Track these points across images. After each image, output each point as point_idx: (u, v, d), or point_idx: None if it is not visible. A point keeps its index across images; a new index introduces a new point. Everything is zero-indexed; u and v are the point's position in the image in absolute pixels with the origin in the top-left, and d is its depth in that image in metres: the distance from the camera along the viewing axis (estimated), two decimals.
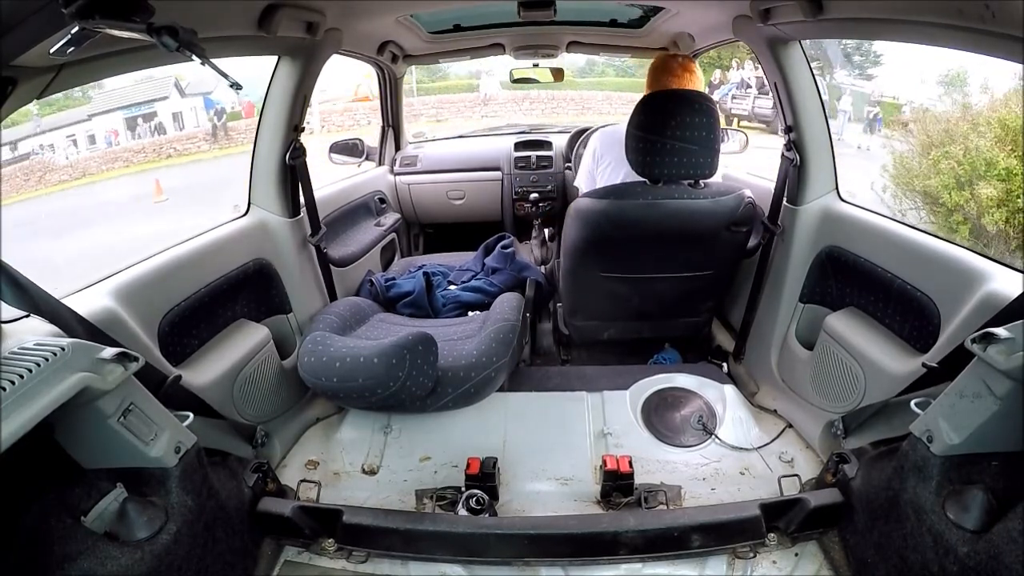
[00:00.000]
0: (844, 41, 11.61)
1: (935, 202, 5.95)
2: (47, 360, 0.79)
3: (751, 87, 11.85)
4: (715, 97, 11.97)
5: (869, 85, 11.81)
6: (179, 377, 1.15)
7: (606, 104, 13.86)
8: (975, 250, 1.20)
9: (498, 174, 2.80)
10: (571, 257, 1.65)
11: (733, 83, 12.27)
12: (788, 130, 1.55)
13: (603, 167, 1.77)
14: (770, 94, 1.63)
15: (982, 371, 0.89)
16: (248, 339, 1.45)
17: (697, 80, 1.71)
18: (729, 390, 1.58)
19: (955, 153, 5.70)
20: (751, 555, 1.14)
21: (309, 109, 1.68)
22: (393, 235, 2.54)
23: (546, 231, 2.84)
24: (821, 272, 1.53)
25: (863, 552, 1.08)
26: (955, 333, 1.11)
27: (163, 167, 12.31)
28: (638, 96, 1.50)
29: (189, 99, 14.34)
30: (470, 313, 1.87)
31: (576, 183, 1.93)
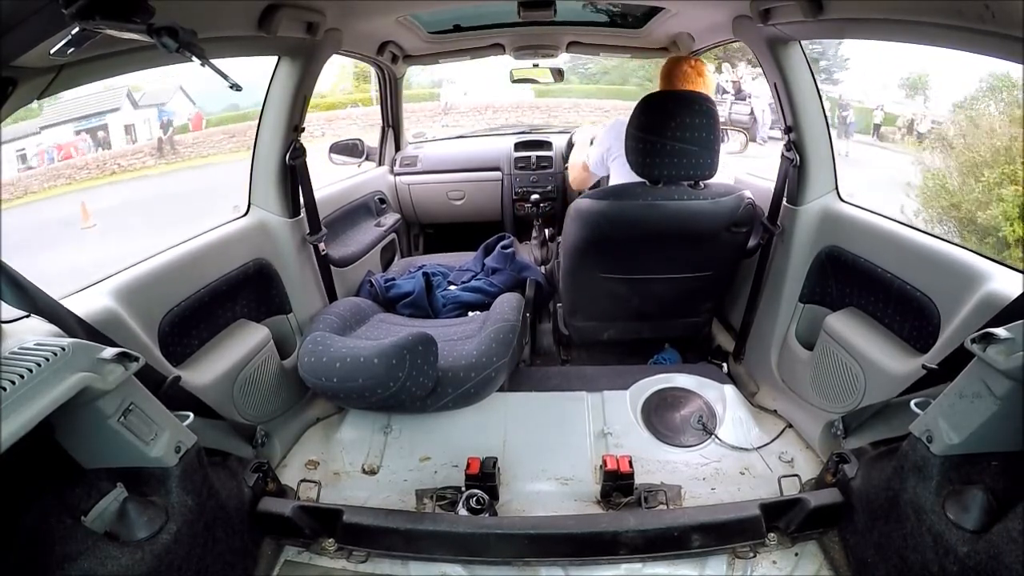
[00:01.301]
0: (814, 46, 11.56)
1: (988, 232, 4.73)
2: (47, 360, 0.79)
3: (728, 92, 11.29)
4: None
5: (836, 89, 11.47)
6: (178, 378, 1.15)
7: (574, 112, 13.02)
8: (975, 250, 1.20)
9: (498, 174, 2.80)
10: (571, 257, 1.65)
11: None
12: (788, 130, 1.55)
13: (612, 160, 1.78)
14: (747, 99, 1.64)
15: (982, 371, 0.89)
16: (248, 339, 1.45)
17: (708, 83, 1.75)
18: (729, 390, 1.58)
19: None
20: (751, 555, 1.14)
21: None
22: (393, 235, 2.54)
23: (546, 231, 2.84)
24: (821, 272, 1.53)
25: (863, 552, 1.08)
26: (955, 333, 1.11)
27: (106, 184, 11.12)
28: (605, 103, 1.51)
29: (142, 110, 13.05)
30: (470, 313, 1.87)
31: (586, 159, 1.91)
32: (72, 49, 0.78)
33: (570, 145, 2.69)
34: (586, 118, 11.65)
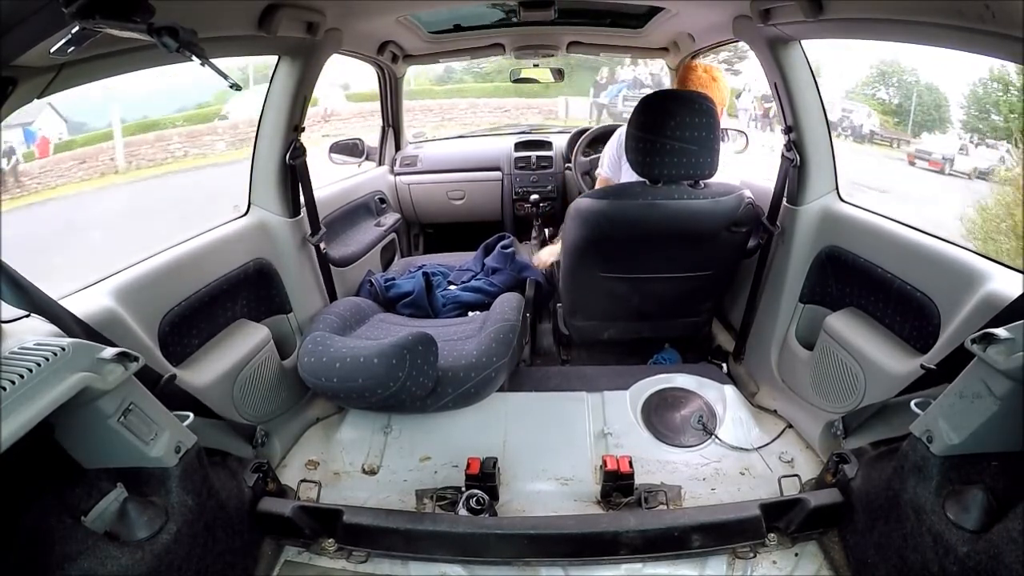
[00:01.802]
0: None
1: None
2: (47, 360, 0.79)
3: (646, 86, 9.88)
4: (603, 99, 10.33)
5: (737, 80, 10.14)
6: (173, 376, 1.15)
7: (471, 113, 11.55)
8: (975, 250, 1.20)
9: (498, 174, 2.80)
10: (571, 257, 1.64)
11: (624, 81, 10.38)
12: (788, 130, 1.55)
13: (625, 162, 1.79)
14: None
15: (982, 371, 0.89)
16: (248, 339, 1.45)
17: (722, 88, 1.78)
18: (729, 390, 1.58)
19: None
20: (751, 555, 1.14)
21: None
22: (393, 235, 2.53)
23: (546, 231, 2.84)
24: (821, 272, 1.53)
25: (863, 552, 1.08)
26: (955, 333, 1.11)
27: None
28: (507, 102, 1.51)
29: (6, 132, 9.22)
30: (470, 313, 1.87)
31: (599, 171, 1.95)
32: (72, 48, 0.78)
33: (571, 144, 2.69)
34: (484, 119, 10.73)
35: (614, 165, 1.86)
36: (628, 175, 1.75)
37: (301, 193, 1.67)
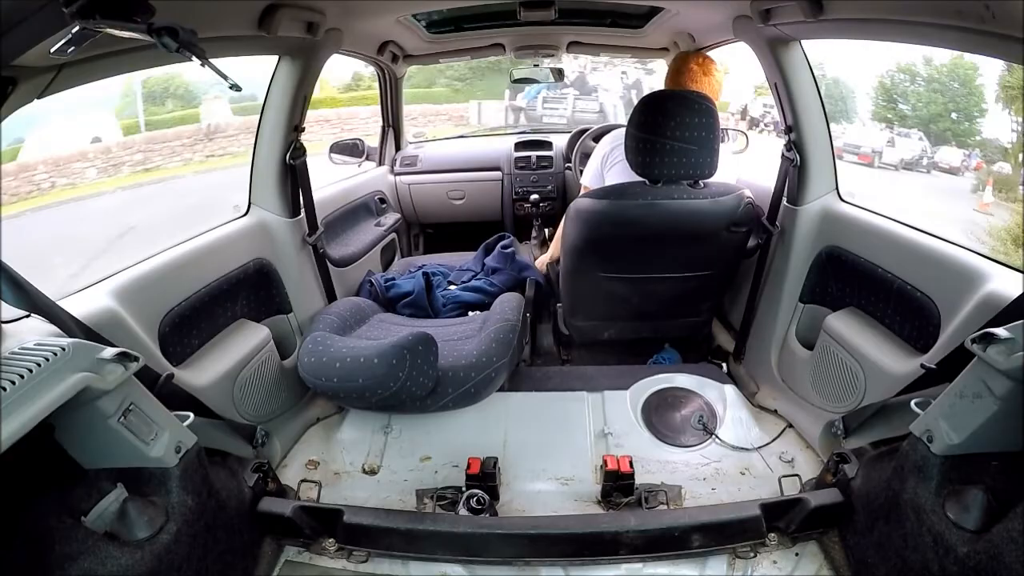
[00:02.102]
0: None
1: None
2: (47, 360, 0.79)
3: (569, 87, 9.18)
4: (520, 102, 9.65)
5: (653, 80, 9.12)
6: (171, 375, 1.15)
7: (372, 122, 9.71)
8: (975, 250, 1.20)
9: (498, 174, 2.81)
10: (571, 257, 1.65)
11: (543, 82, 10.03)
12: (788, 130, 1.55)
13: (611, 168, 1.77)
14: (592, 95, 1.58)
15: (982, 371, 0.89)
16: (248, 339, 1.45)
17: (716, 81, 1.71)
18: (729, 390, 1.58)
19: None
20: (751, 555, 1.14)
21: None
22: (393, 235, 2.54)
23: (546, 231, 2.84)
24: (821, 272, 1.53)
25: (863, 552, 1.08)
26: (955, 333, 1.11)
27: None
28: (414, 108, 1.48)
29: None
30: (470, 313, 1.87)
31: (582, 181, 1.93)
32: (72, 48, 0.78)
33: (571, 144, 2.69)
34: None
35: (596, 179, 1.81)
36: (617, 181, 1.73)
37: (301, 193, 1.67)
